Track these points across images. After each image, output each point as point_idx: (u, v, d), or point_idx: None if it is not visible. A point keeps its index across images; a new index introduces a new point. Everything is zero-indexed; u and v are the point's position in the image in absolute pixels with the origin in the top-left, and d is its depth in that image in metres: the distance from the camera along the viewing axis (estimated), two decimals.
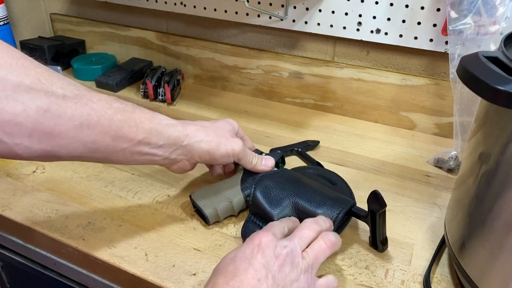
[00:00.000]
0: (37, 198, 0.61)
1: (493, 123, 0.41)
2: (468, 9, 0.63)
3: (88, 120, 0.44)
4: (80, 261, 0.55)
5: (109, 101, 0.46)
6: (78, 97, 0.43)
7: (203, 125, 0.55)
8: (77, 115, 0.43)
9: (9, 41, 0.96)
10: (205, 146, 0.53)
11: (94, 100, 0.45)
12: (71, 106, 0.43)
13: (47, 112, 0.41)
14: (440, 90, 0.79)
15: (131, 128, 0.47)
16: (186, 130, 0.52)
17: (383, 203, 0.49)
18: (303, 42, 0.90)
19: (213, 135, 0.54)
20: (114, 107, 0.46)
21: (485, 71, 0.36)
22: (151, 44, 1.05)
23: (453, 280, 0.50)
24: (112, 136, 0.46)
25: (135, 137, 0.47)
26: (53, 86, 0.42)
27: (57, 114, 0.42)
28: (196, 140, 0.52)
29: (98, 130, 0.45)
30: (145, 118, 0.48)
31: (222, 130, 0.56)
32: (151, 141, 0.49)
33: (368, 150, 0.77)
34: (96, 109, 0.44)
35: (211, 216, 0.56)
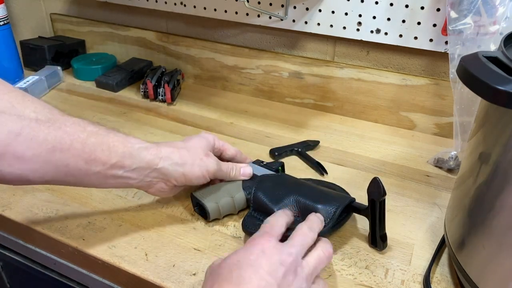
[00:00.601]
0: (37, 198, 0.61)
1: (493, 123, 0.41)
2: (468, 9, 0.63)
3: (61, 144, 0.44)
4: (80, 261, 0.55)
5: (82, 125, 0.47)
6: (51, 121, 0.44)
7: (176, 146, 0.54)
8: (50, 139, 0.43)
9: (9, 41, 0.96)
10: (180, 168, 0.53)
11: (67, 123, 0.45)
12: (44, 130, 0.43)
13: (18, 136, 0.41)
14: (440, 90, 0.79)
15: (104, 151, 0.47)
16: (160, 153, 0.52)
17: (383, 191, 0.50)
18: (303, 42, 0.90)
19: (187, 156, 0.54)
20: (88, 130, 0.46)
21: (485, 71, 0.36)
22: (151, 44, 1.05)
23: (453, 280, 0.50)
24: (85, 159, 0.46)
25: (108, 161, 0.47)
26: (26, 109, 0.43)
27: (29, 137, 0.42)
28: (170, 163, 0.52)
29: (71, 154, 0.45)
30: (118, 141, 0.48)
31: (195, 149, 0.55)
32: (124, 164, 0.49)
33: (368, 150, 0.77)
34: (69, 132, 0.45)
35: (212, 210, 0.56)
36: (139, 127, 0.82)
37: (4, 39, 0.95)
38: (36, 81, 0.92)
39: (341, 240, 0.56)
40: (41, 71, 0.98)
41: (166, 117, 0.87)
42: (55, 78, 0.99)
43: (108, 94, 0.96)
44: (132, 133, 0.80)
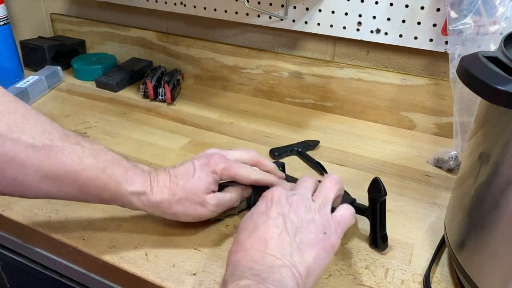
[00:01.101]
0: None
1: (493, 123, 0.41)
2: (468, 9, 0.63)
3: (54, 173, 0.43)
4: (80, 261, 0.55)
5: (81, 156, 0.45)
6: (48, 148, 0.43)
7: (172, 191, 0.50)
8: (43, 167, 0.43)
9: (9, 41, 0.96)
10: (171, 217, 0.52)
11: (65, 152, 0.44)
12: (39, 157, 0.42)
13: (12, 161, 0.41)
14: (440, 90, 0.79)
15: (97, 187, 0.46)
16: (149, 201, 0.49)
17: (384, 190, 0.50)
18: (303, 42, 0.90)
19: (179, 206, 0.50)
20: (84, 163, 0.45)
21: (485, 71, 0.36)
22: (151, 44, 1.05)
23: (453, 280, 0.50)
24: (77, 190, 0.46)
25: (100, 196, 0.47)
26: (23, 134, 0.42)
27: (22, 163, 0.42)
28: (161, 211, 0.50)
29: (64, 183, 0.45)
30: (113, 180, 0.47)
31: (192, 194, 0.50)
32: (116, 202, 0.49)
33: (368, 150, 0.77)
34: (64, 162, 0.44)
35: None
36: (139, 127, 0.82)
37: (4, 39, 0.95)
38: (36, 81, 0.92)
39: (341, 240, 0.55)
40: (41, 71, 0.98)
41: (166, 117, 0.87)
42: (55, 78, 0.99)
43: (108, 94, 0.96)
44: (132, 133, 0.80)
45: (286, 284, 0.38)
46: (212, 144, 0.77)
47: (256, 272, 0.38)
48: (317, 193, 0.47)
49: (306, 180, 0.50)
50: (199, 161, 0.52)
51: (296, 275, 0.39)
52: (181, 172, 0.51)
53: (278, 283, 0.37)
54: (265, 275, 0.38)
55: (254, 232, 0.42)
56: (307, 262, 0.41)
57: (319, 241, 0.42)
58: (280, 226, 0.42)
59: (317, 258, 0.42)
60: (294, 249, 0.41)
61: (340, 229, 0.45)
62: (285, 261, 0.40)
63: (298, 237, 0.42)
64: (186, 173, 0.51)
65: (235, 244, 0.43)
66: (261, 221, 0.43)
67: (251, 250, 0.41)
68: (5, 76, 0.97)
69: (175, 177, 0.50)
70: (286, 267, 0.39)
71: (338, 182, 0.49)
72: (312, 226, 0.43)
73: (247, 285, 0.36)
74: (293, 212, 0.44)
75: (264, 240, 0.41)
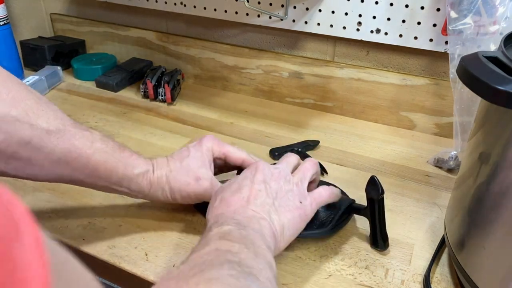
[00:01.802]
0: (37, 198, 0.61)
1: (493, 123, 0.41)
2: (468, 9, 0.63)
3: (67, 157, 0.46)
4: (80, 261, 0.55)
5: (91, 139, 0.48)
6: (61, 132, 0.46)
7: (170, 169, 0.53)
8: (57, 150, 0.45)
9: (9, 41, 0.96)
10: (169, 195, 0.53)
11: (76, 137, 0.47)
12: (53, 141, 0.45)
13: (28, 144, 0.43)
14: (440, 90, 0.79)
15: (106, 170, 0.49)
16: (152, 179, 0.52)
17: (381, 189, 0.50)
18: (303, 42, 0.90)
19: (177, 182, 0.53)
20: (94, 147, 0.48)
21: (485, 71, 0.36)
22: (151, 44, 1.05)
23: (453, 280, 0.50)
24: (87, 174, 0.48)
25: (109, 179, 0.50)
26: (39, 119, 0.45)
27: (37, 147, 0.44)
28: (160, 188, 0.53)
29: (75, 167, 0.47)
30: (121, 162, 0.50)
31: (188, 171, 0.53)
32: (123, 185, 0.51)
33: (368, 150, 0.77)
34: (77, 146, 0.47)
35: None
36: (139, 127, 0.82)
37: (4, 39, 0.95)
38: (36, 81, 0.92)
39: (341, 240, 0.56)
40: (41, 71, 0.98)
41: (166, 117, 0.87)
42: (55, 78, 0.99)
43: (108, 94, 0.96)
44: (132, 133, 0.80)
45: (264, 233, 0.43)
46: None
47: (237, 221, 0.43)
48: (297, 171, 0.52)
49: (289, 155, 0.55)
50: (193, 144, 0.57)
51: (272, 228, 0.45)
52: (176, 154, 0.56)
53: (257, 230, 0.43)
54: (246, 223, 0.43)
55: (237, 192, 0.47)
56: (282, 221, 0.46)
57: (295, 208, 0.48)
58: (262, 190, 0.47)
59: (292, 221, 0.47)
60: (272, 210, 0.46)
61: (315, 203, 0.50)
62: (264, 215, 0.45)
63: (277, 201, 0.47)
64: (181, 153, 0.55)
65: (217, 201, 0.47)
66: (245, 184, 0.47)
67: (234, 206, 0.45)
68: None
69: (171, 157, 0.55)
70: (265, 220, 0.45)
71: (316, 164, 0.54)
72: (290, 195, 0.49)
73: (229, 229, 0.41)
74: (274, 181, 0.49)
75: (247, 198, 0.46)
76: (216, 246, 0.38)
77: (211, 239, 0.40)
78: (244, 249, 0.38)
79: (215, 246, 0.38)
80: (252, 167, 0.50)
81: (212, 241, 0.39)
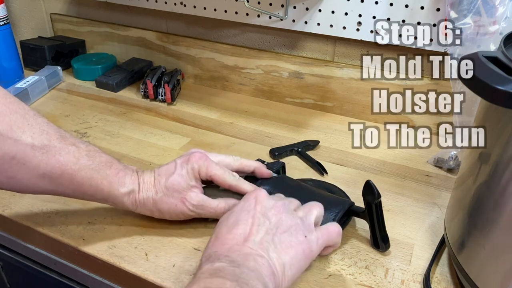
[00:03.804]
0: (37, 198, 0.61)
1: (493, 123, 0.41)
2: (468, 9, 0.63)
3: (51, 173, 0.46)
4: (80, 261, 0.55)
5: (77, 156, 0.47)
6: (46, 148, 0.45)
7: (155, 188, 0.52)
8: (42, 166, 0.45)
9: (9, 41, 0.96)
10: (157, 213, 0.53)
11: (62, 153, 0.46)
12: (38, 156, 0.45)
13: (12, 159, 0.43)
14: (440, 90, 0.79)
15: (91, 187, 0.49)
16: (137, 200, 0.52)
17: (377, 193, 0.50)
18: (303, 42, 0.90)
19: (162, 203, 0.52)
20: (80, 163, 0.47)
21: (485, 71, 0.36)
22: (151, 44, 1.05)
23: (453, 279, 0.50)
24: (72, 190, 0.48)
25: (94, 196, 0.50)
26: (23, 134, 0.44)
27: (22, 162, 0.44)
28: (147, 209, 0.53)
29: (59, 183, 0.47)
30: (107, 181, 0.49)
31: (173, 191, 0.52)
32: (108, 201, 0.51)
33: (368, 150, 0.76)
34: (61, 162, 0.46)
35: None
36: (139, 127, 0.82)
37: (4, 39, 0.95)
38: (36, 81, 0.92)
39: (341, 240, 0.55)
40: (41, 71, 0.98)
41: (166, 117, 0.87)
42: (55, 78, 0.99)
43: (108, 94, 0.96)
44: (132, 133, 0.80)
45: (261, 272, 0.39)
46: (212, 144, 0.77)
47: (231, 258, 0.39)
48: (302, 207, 0.49)
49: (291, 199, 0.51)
50: (181, 159, 0.54)
51: (272, 266, 0.40)
52: (163, 170, 0.53)
53: (253, 268, 0.39)
54: (241, 261, 0.39)
55: (234, 228, 0.43)
56: (283, 259, 0.42)
57: (298, 243, 0.43)
58: (261, 225, 0.43)
59: (294, 258, 0.42)
60: (272, 247, 0.42)
61: (321, 240, 0.46)
62: (262, 253, 0.41)
63: (278, 237, 0.43)
64: (168, 171, 0.53)
65: (213, 238, 0.44)
66: (243, 218, 0.44)
67: (230, 243, 0.42)
68: (5, 76, 0.97)
69: (158, 175, 0.52)
70: (263, 258, 0.41)
71: (322, 208, 0.50)
72: (293, 229, 0.44)
73: (222, 266, 0.38)
74: (275, 214, 0.45)
75: (244, 235, 0.42)
76: (205, 285, 0.36)
77: (200, 278, 0.37)
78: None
79: (204, 284, 0.36)
80: (251, 197, 0.47)
81: (201, 280, 0.37)
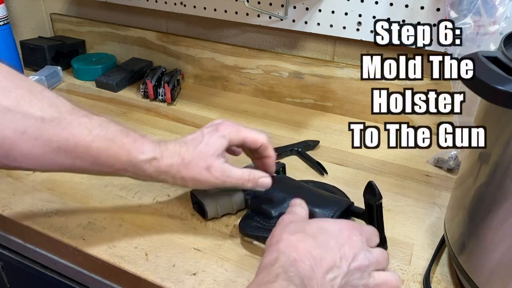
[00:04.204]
0: (37, 198, 0.61)
1: (493, 123, 0.41)
2: (467, 9, 0.63)
3: (65, 145, 0.44)
4: (80, 261, 0.55)
5: (89, 127, 0.46)
6: (57, 120, 0.44)
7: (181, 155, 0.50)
8: (54, 139, 0.43)
9: (9, 41, 0.97)
10: (180, 182, 0.51)
11: (74, 124, 0.45)
12: (49, 130, 0.43)
13: (23, 135, 0.42)
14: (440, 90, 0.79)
15: (109, 157, 0.47)
16: (161, 167, 0.49)
17: (379, 194, 0.49)
18: (303, 42, 0.90)
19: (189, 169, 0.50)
20: (93, 134, 0.45)
21: (485, 71, 0.36)
22: (151, 44, 1.05)
23: (453, 279, 0.50)
24: (90, 162, 0.46)
25: (113, 166, 0.47)
26: (32, 108, 0.42)
27: (33, 137, 0.42)
28: (171, 175, 0.50)
29: (76, 155, 0.45)
30: (124, 149, 0.47)
31: (201, 158, 0.51)
32: (128, 171, 0.49)
33: (368, 150, 0.76)
34: (74, 134, 0.44)
35: (210, 209, 0.56)
36: (139, 127, 0.82)
37: (4, 39, 0.95)
38: (36, 81, 0.92)
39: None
40: (41, 71, 0.98)
41: (166, 117, 0.87)
42: (55, 78, 0.99)
43: (108, 94, 0.96)
44: None
45: None
46: None
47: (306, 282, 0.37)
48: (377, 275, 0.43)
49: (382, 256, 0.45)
50: (208, 128, 0.53)
51: None
52: (189, 138, 0.52)
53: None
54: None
55: (318, 248, 0.40)
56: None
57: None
58: (342, 267, 0.40)
59: None
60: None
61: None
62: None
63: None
64: (195, 139, 0.52)
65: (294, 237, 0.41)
66: (331, 244, 0.41)
67: (310, 263, 0.39)
68: None
69: (184, 143, 0.51)
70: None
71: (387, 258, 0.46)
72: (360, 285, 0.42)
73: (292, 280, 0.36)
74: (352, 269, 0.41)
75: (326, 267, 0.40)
76: None
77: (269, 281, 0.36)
78: None
79: None
80: (350, 227, 0.43)
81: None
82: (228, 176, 0.51)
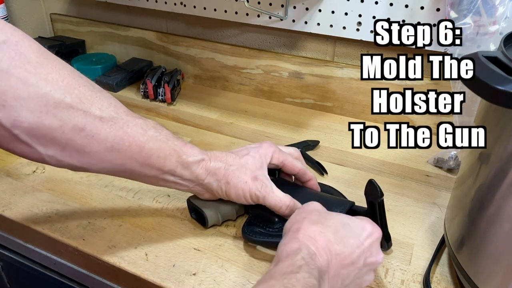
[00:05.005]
0: (37, 198, 0.62)
1: (493, 123, 0.41)
2: (467, 9, 0.63)
3: (120, 145, 0.45)
4: (80, 261, 0.55)
5: (144, 127, 0.47)
6: (114, 120, 0.45)
7: (227, 162, 0.53)
8: (110, 138, 0.45)
9: None
10: (223, 186, 0.52)
11: (130, 125, 0.46)
12: (106, 129, 0.44)
13: (82, 131, 0.43)
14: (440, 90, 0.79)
15: (160, 159, 0.48)
16: (209, 168, 0.52)
17: (380, 192, 0.50)
18: (303, 42, 0.90)
19: (232, 176, 0.52)
20: (148, 134, 0.47)
21: (485, 71, 0.36)
22: (151, 44, 1.05)
23: (453, 279, 0.51)
24: (140, 162, 0.47)
25: (162, 168, 0.49)
26: (92, 106, 0.44)
27: (91, 134, 0.43)
28: (215, 179, 0.52)
29: (128, 155, 0.46)
30: (175, 151, 0.49)
31: (244, 170, 0.53)
32: (176, 173, 0.50)
33: (368, 150, 0.76)
34: (129, 134, 0.46)
35: (211, 219, 0.56)
36: None
37: None
38: None
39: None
40: None
41: (166, 117, 0.87)
42: None
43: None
44: None
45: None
46: (212, 144, 0.77)
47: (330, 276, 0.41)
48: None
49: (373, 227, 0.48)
50: (252, 145, 0.57)
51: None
52: (235, 151, 0.55)
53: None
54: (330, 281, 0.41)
55: (337, 244, 0.43)
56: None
57: None
58: (357, 263, 0.43)
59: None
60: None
61: None
62: None
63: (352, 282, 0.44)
64: (240, 152, 0.55)
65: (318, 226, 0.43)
66: (350, 242, 0.43)
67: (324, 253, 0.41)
68: None
69: (231, 153, 0.54)
70: None
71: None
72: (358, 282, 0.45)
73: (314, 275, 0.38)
74: (368, 268, 0.45)
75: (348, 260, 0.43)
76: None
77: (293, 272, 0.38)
78: None
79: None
80: (371, 228, 0.46)
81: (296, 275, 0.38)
82: (269, 193, 0.53)
